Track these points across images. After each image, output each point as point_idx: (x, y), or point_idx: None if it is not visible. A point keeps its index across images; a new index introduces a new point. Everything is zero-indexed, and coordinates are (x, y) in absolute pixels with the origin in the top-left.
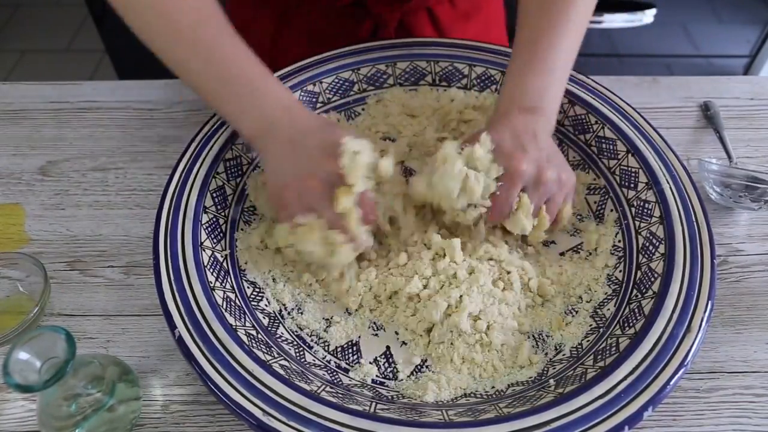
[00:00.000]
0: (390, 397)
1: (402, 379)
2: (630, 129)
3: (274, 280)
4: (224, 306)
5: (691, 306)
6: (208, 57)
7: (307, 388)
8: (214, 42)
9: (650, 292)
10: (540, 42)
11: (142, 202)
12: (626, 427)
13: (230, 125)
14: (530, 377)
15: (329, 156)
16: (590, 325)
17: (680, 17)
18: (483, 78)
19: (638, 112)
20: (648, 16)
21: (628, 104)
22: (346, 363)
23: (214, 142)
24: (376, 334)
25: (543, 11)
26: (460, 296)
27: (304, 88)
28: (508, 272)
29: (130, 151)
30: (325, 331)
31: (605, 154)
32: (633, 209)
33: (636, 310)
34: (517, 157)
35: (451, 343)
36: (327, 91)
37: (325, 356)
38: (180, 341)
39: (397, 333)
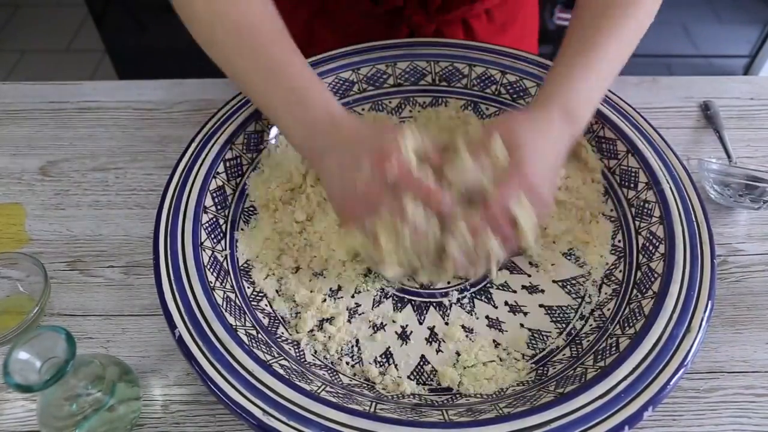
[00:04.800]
0: (390, 397)
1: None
2: (630, 129)
3: (278, 287)
4: (224, 306)
5: (691, 306)
6: (260, 67)
7: (307, 388)
8: (270, 53)
9: (650, 292)
10: (594, 47)
11: (142, 202)
12: (626, 427)
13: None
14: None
15: (385, 161)
16: (590, 325)
17: (680, 17)
18: (483, 78)
19: (638, 112)
20: None
21: (628, 104)
22: (347, 362)
23: (214, 142)
24: (375, 334)
25: (604, 13)
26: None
27: None
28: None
29: (130, 151)
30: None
31: (605, 154)
32: (633, 209)
33: (636, 310)
34: (532, 172)
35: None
36: None
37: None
38: (180, 341)
39: (397, 333)
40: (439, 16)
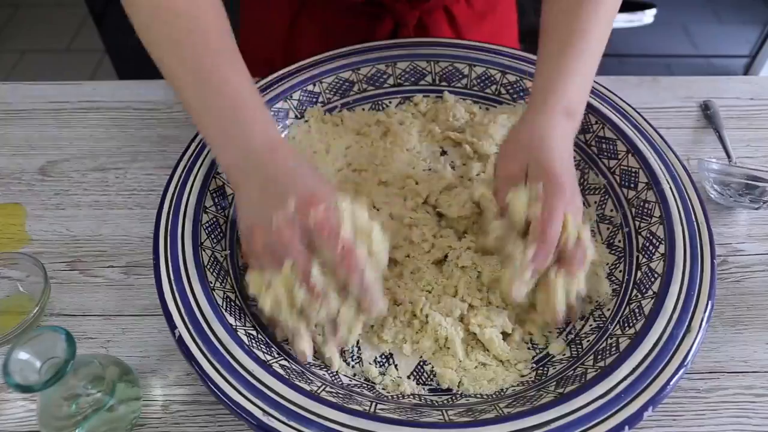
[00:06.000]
0: (390, 397)
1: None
2: (630, 129)
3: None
4: (224, 306)
5: (691, 306)
6: (197, 74)
7: (307, 388)
8: (210, 60)
9: (650, 292)
10: (579, 37)
11: (142, 202)
12: (626, 427)
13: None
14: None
15: (309, 205)
16: (590, 325)
17: (680, 17)
18: (483, 78)
19: (638, 112)
20: (648, 16)
21: (628, 104)
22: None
23: None
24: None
25: (571, 15)
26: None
27: (304, 88)
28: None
29: (130, 151)
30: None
31: (605, 154)
32: (633, 209)
33: (636, 310)
34: (557, 170)
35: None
36: (327, 91)
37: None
38: (180, 341)
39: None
40: (421, 4)
